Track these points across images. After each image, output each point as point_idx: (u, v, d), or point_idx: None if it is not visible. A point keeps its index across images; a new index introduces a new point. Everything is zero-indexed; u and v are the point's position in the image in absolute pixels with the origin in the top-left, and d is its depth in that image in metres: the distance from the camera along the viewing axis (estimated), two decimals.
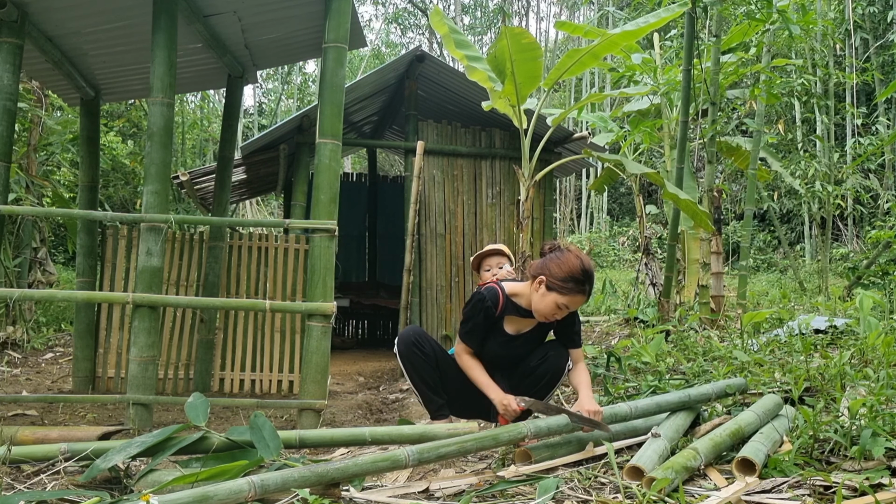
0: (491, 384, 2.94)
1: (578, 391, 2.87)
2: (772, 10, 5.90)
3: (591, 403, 2.64)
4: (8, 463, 2.29)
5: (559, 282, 2.78)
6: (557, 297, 2.80)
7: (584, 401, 2.69)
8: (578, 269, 2.78)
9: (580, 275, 2.78)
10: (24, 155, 7.49)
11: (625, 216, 21.87)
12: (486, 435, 2.37)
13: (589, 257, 2.93)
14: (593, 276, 2.84)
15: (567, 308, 2.84)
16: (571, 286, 2.78)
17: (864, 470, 2.18)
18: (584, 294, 2.81)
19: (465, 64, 5.19)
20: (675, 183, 6.00)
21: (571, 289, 2.78)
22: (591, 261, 2.90)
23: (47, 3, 3.82)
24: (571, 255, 2.83)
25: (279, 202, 16.66)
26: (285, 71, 22.45)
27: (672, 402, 2.79)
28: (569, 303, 2.82)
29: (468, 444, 2.31)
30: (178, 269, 5.07)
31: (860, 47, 15.26)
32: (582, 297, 2.82)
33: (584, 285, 2.79)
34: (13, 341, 6.59)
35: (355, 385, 5.86)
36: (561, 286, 2.78)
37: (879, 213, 13.16)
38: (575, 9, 25.10)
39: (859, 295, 5.08)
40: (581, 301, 2.83)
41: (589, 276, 2.81)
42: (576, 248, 2.93)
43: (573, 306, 2.85)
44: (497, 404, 2.86)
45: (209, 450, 2.34)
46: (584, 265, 2.80)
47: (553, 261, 2.83)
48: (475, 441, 2.33)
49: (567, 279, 2.77)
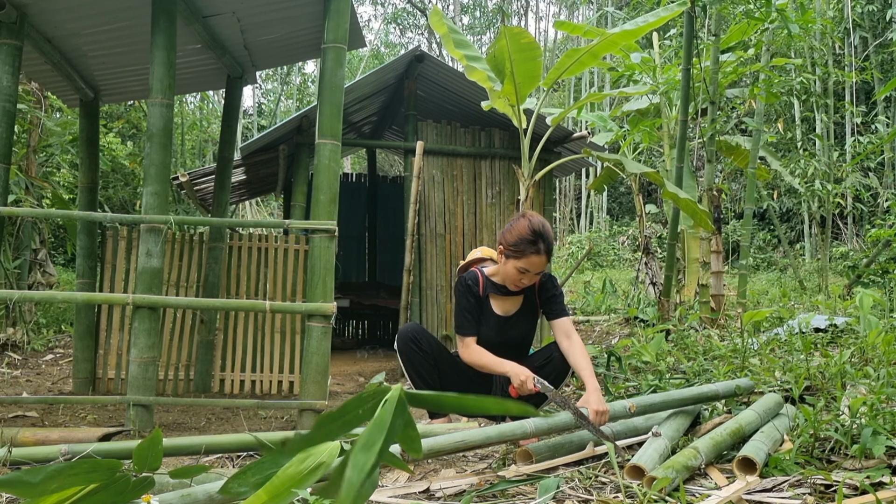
0: (505, 361, 2.90)
1: (583, 380, 2.80)
2: (771, 8, 5.90)
3: (598, 402, 2.59)
4: (8, 464, 2.29)
5: (512, 247, 2.86)
6: (515, 262, 2.88)
7: (590, 398, 2.62)
8: (527, 229, 2.83)
9: (529, 235, 2.82)
10: (23, 156, 7.49)
11: (624, 215, 21.88)
12: (484, 433, 2.37)
13: (542, 217, 2.93)
14: (545, 233, 2.85)
15: (528, 271, 2.88)
16: (524, 247, 2.83)
17: (864, 468, 2.18)
18: (539, 253, 2.84)
19: (464, 64, 5.19)
20: (674, 182, 6.00)
21: (524, 250, 2.83)
22: (543, 220, 2.90)
23: (46, 5, 3.82)
24: (522, 220, 2.88)
25: (279, 203, 16.67)
26: (284, 71, 22.45)
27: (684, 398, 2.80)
28: (527, 265, 2.86)
29: (470, 440, 2.31)
30: (178, 270, 5.07)
31: (859, 46, 15.27)
32: (538, 257, 2.85)
33: (535, 244, 2.82)
34: (13, 343, 6.59)
35: (355, 385, 5.86)
36: (514, 251, 2.86)
37: (879, 211, 13.16)
38: (574, 8, 25.11)
39: (859, 293, 5.08)
40: (539, 261, 2.85)
41: (538, 234, 2.83)
42: (531, 213, 2.96)
43: (534, 268, 2.87)
44: (514, 376, 2.80)
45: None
46: (533, 225, 2.84)
47: (506, 230, 2.91)
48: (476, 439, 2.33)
49: (518, 242, 2.84)
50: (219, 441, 2.49)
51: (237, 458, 2.75)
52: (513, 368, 2.84)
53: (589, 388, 2.70)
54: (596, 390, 2.67)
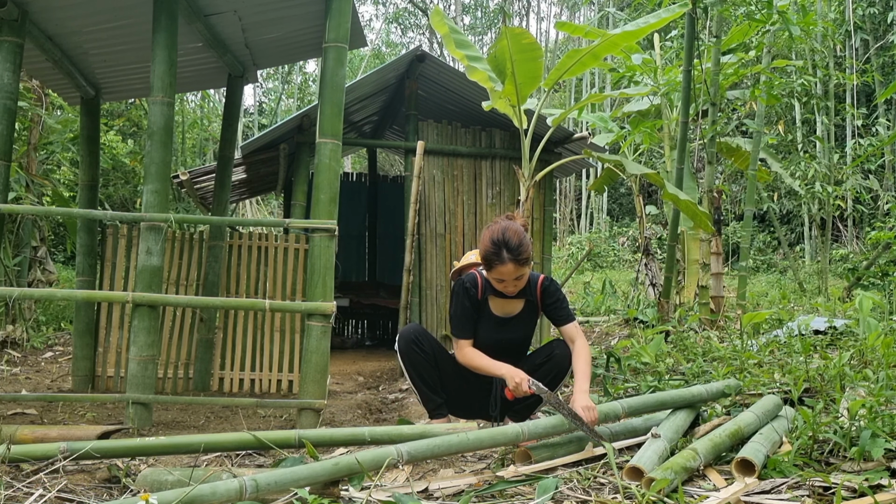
0: (500, 364, 2.92)
1: (574, 381, 2.82)
2: (772, 10, 5.90)
3: (583, 399, 2.60)
4: (7, 462, 2.29)
5: (484, 261, 2.89)
6: (489, 273, 2.91)
7: (576, 399, 2.63)
8: (488, 241, 2.84)
9: (491, 247, 2.83)
10: (24, 154, 7.48)
11: (625, 216, 21.87)
12: (483, 434, 2.37)
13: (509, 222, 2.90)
14: (507, 240, 2.82)
15: (503, 280, 2.89)
16: (490, 259, 2.85)
17: (863, 471, 2.18)
18: (504, 262, 2.83)
19: (465, 64, 5.19)
20: (675, 183, 6.00)
21: (491, 262, 2.86)
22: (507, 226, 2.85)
23: (48, 2, 3.82)
24: (487, 232, 2.88)
25: (279, 202, 16.66)
26: (285, 70, 22.45)
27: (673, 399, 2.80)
28: (498, 275, 2.88)
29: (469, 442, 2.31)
30: (178, 268, 5.07)
31: (860, 48, 15.26)
32: (505, 266, 2.84)
33: (499, 255, 2.82)
34: (13, 340, 6.59)
35: (355, 385, 5.86)
36: (485, 264, 2.89)
37: (879, 213, 13.16)
38: (575, 9, 25.10)
39: (859, 296, 5.07)
40: (507, 269, 2.84)
41: (499, 243, 2.81)
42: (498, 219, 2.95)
43: (507, 276, 2.87)
44: (508, 378, 2.83)
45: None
46: (493, 236, 2.84)
47: (480, 242, 2.92)
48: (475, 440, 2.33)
49: (485, 256, 2.87)
50: (218, 440, 2.49)
51: (236, 456, 2.76)
52: (508, 371, 2.85)
53: (575, 389, 2.74)
54: (582, 392, 2.69)
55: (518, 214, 3.05)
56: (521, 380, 2.78)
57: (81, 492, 2.20)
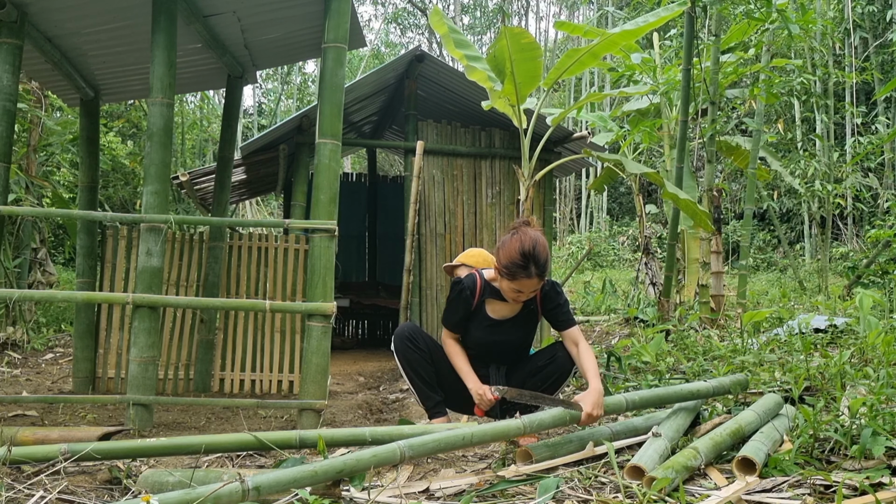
0: (470, 373, 2.97)
1: (587, 380, 2.79)
2: (771, 9, 5.90)
3: (593, 406, 2.58)
4: (8, 464, 2.29)
5: (505, 269, 2.81)
6: (508, 282, 2.84)
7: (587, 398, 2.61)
8: (517, 252, 2.77)
9: (519, 259, 2.76)
10: (23, 155, 7.49)
11: (624, 216, 21.88)
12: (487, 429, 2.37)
13: (536, 234, 2.83)
14: (536, 255, 2.77)
15: (522, 291, 2.85)
16: (515, 271, 2.78)
17: (864, 469, 2.18)
18: (531, 276, 2.78)
19: (464, 64, 5.20)
20: (674, 182, 6.00)
21: (515, 273, 2.79)
22: (536, 239, 2.79)
23: (47, 4, 3.82)
24: (514, 240, 2.80)
25: (279, 202, 16.67)
26: (285, 71, 22.45)
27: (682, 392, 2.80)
28: (520, 287, 2.83)
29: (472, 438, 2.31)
30: (178, 269, 5.07)
31: (859, 46, 15.27)
32: (529, 280, 2.79)
33: (526, 269, 2.77)
34: (13, 342, 6.59)
35: (355, 385, 5.86)
36: (507, 272, 2.81)
37: (879, 211, 13.17)
38: (574, 8, 25.11)
39: (859, 294, 5.08)
40: (531, 283, 2.81)
41: (528, 257, 2.76)
42: (525, 229, 2.86)
43: (526, 289, 2.84)
44: (473, 394, 2.90)
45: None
46: (524, 248, 2.76)
47: (501, 248, 2.86)
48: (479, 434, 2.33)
49: (509, 265, 2.79)
50: (218, 440, 2.49)
51: (237, 457, 2.75)
52: (473, 385, 2.92)
53: (590, 388, 2.69)
54: (596, 392, 2.65)
55: (534, 220, 3.00)
56: (483, 391, 2.83)
57: (82, 493, 2.20)
